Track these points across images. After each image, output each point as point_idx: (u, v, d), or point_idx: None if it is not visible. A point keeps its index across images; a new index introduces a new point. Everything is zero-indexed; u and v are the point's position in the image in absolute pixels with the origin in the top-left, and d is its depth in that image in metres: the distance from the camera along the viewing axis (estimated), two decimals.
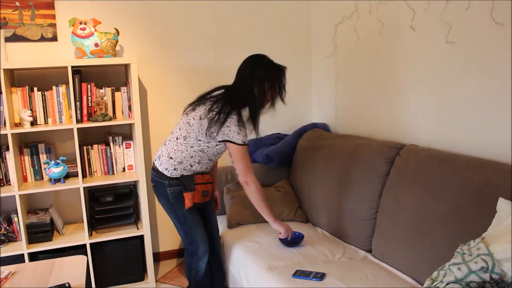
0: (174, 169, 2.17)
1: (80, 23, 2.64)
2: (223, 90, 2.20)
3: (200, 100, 2.20)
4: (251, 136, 2.24)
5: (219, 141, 2.14)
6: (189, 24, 3.12)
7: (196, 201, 2.19)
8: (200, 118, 2.13)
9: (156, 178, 2.23)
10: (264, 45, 3.33)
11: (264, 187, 2.96)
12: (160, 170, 2.20)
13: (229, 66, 3.25)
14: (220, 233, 2.62)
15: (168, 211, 2.27)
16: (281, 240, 2.38)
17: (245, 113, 2.16)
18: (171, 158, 2.18)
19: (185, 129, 2.17)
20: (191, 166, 2.19)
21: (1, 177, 2.64)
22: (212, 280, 2.51)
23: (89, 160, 2.78)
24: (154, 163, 2.28)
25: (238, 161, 2.16)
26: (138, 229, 2.83)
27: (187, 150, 2.16)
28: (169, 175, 2.18)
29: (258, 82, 2.13)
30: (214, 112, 2.09)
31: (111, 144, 2.83)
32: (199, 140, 2.15)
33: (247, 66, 2.17)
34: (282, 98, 2.21)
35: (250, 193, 2.23)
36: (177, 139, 2.19)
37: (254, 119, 2.15)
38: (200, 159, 2.19)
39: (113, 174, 2.85)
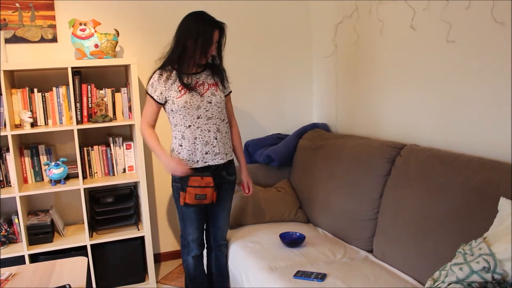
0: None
1: (80, 24, 2.64)
2: None
3: None
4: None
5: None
6: None
7: (188, 202, 2.18)
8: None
9: None
10: (264, 45, 3.33)
11: (265, 188, 2.96)
12: None
13: (229, 66, 3.24)
14: None
15: (175, 203, 2.35)
16: (282, 240, 2.37)
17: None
18: (172, 150, 2.28)
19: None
20: (181, 145, 2.22)
21: (1, 179, 2.64)
22: (214, 280, 2.51)
23: (89, 161, 2.78)
24: None
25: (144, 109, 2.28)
26: (138, 230, 2.83)
27: (172, 133, 2.27)
28: None
29: (185, 35, 2.16)
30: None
31: (112, 145, 2.83)
32: (166, 113, 2.28)
33: (182, 21, 2.23)
34: (206, 52, 2.17)
35: (142, 137, 2.33)
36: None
37: (179, 69, 2.19)
38: (181, 133, 2.22)
39: (114, 175, 2.85)
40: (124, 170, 2.88)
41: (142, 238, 2.84)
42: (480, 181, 1.78)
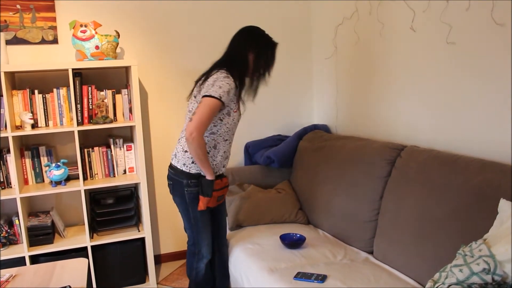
0: (193, 162, 2.13)
1: (81, 25, 2.64)
2: (216, 63, 2.21)
3: (197, 82, 2.21)
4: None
5: (202, 98, 2.02)
6: (190, 26, 3.12)
7: (210, 206, 2.18)
8: (195, 97, 2.15)
9: (174, 176, 2.19)
10: None
11: (265, 189, 2.96)
12: (178, 167, 2.17)
13: None
14: None
15: (181, 210, 2.24)
16: (283, 241, 2.37)
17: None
18: (186, 151, 2.16)
19: (190, 117, 2.12)
20: (208, 153, 2.14)
21: (2, 180, 2.64)
22: (215, 281, 2.51)
23: (90, 162, 2.78)
24: (171, 161, 2.25)
25: (201, 111, 1.97)
26: (139, 231, 2.83)
27: (205, 138, 2.13)
28: (187, 171, 2.14)
29: (249, 51, 2.16)
30: (203, 79, 2.12)
31: (112, 146, 2.83)
32: None
33: (241, 35, 2.21)
34: (269, 71, 2.20)
35: (194, 146, 1.99)
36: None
37: (241, 84, 2.16)
38: (215, 143, 2.15)
39: (114, 176, 2.85)
40: (125, 172, 2.89)
41: (142, 239, 2.84)
42: (480, 182, 1.79)
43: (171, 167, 2.24)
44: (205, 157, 2.05)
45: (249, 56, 2.17)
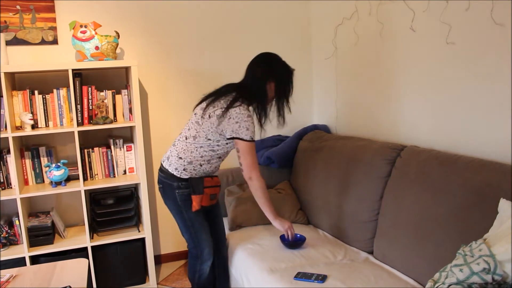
0: (184, 169, 2.16)
1: (81, 26, 2.65)
2: (232, 88, 2.20)
3: (208, 98, 2.20)
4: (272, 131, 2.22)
5: (228, 139, 2.14)
6: (190, 26, 3.12)
7: (204, 204, 2.19)
8: (209, 117, 2.12)
9: (164, 180, 2.21)
10: (265, 46, 3.33)
11: None
12: (170, 171, 2.19)
13: (229, 68, 3.26)
14: None
15: (175, 213, 2.24)
16: (283, 242, 2.37)
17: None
18: (180, 158, 2.17)
19: (194, 129, 2.16)
20: (201, 165, 2.18)
21: (2, 180, 2.64)
22: (215, 281, 2.51)
23: (90, 163, 2.78)
24: (162, 164, 2.26)
25: (244, 156, 2.14)
26: (139, 231, 2.83)
27: (196, 150, 2.16)
28: (178, 176, 2.17)
29: (270, 80, 2.17)
30: (224, 109, 2.10)
31: (112, 146, 2.83)
32: (209, 139, 2.14)
33: (259, 63, 2.20)
34: (288, 99, 2.24)
35: (254, 189, 2.21)
36: (186, 138, 2.18)
37: (265, 115, 2.20)
38: (210, 158, 2.19)
39: (114, 176, 2.85)
40: (125, 172, 2.89)
41: (142, 240, 2.84)
42: (480, 182, 1.79)
43: (162, 170, 2.24)
44: (266, 199, 2.23)
45: (267, 85, 2.18)
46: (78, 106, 2.65)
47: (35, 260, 2.60)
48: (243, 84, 2.21)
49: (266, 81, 2.17)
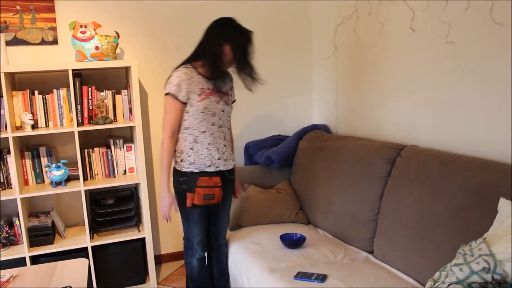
0: (181, 161, 2.22)
1: (81, 26, 2.65)
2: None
3: None
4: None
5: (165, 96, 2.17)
6: (190, 26, 3.12)
7: (196, 203, 2.20)
8: None
9: (172, 174, 2.30)
10: (264, 46, 3.34)
11: (265, 189, 2.96)
12: (173, 165, 2.27)
13: None
14: None
15: (178, 205, 2.30)
16: (283, 241, 2.38)
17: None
18: (175, 150, 2.25)
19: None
20: (192, 149, 2.20)
21: (2, 181, 2.65)
22: (215, 281, 2.51)
23: (90, 163, 2.78)
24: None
25: (164, 113, 2.18)
26: (139, 231, 2.83)
27: (182, 134, 2.21)
28: (179, 169, 2.23)
29: (224, 42, 2.12)
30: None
31: (112, 147, 2.83)
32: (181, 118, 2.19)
33: (213, 26, 2.18)
34: (244, 61, 2.17)
35: (161, 149, 2.22)
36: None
37: (215, 73, 2.17)
38: (194, 137, 2.19)
39: (114, 176, 2.85)
40: (125, 172, 2.89)
41: (143, 240, 2.84)
42: (480, 182, 1.79)
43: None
44: (165, 164, 2.19)
45: (221, 47, 2.12)
46: (78, 106, 2.65)
47: (35, 260, 2.60)
48: (197, 46, 2.22)
49: (219, 44, 2.11)
